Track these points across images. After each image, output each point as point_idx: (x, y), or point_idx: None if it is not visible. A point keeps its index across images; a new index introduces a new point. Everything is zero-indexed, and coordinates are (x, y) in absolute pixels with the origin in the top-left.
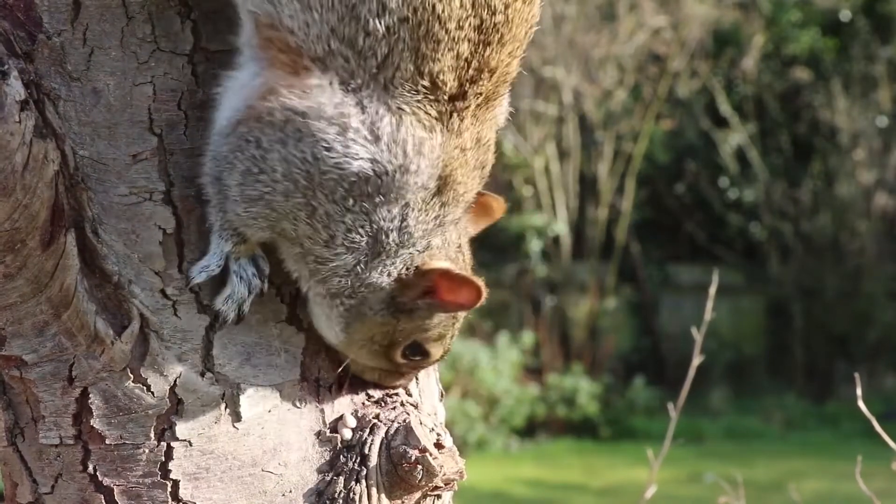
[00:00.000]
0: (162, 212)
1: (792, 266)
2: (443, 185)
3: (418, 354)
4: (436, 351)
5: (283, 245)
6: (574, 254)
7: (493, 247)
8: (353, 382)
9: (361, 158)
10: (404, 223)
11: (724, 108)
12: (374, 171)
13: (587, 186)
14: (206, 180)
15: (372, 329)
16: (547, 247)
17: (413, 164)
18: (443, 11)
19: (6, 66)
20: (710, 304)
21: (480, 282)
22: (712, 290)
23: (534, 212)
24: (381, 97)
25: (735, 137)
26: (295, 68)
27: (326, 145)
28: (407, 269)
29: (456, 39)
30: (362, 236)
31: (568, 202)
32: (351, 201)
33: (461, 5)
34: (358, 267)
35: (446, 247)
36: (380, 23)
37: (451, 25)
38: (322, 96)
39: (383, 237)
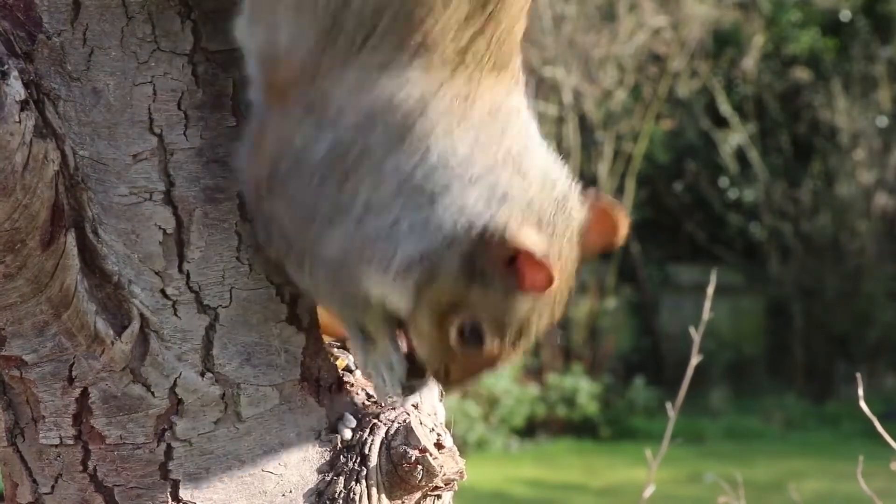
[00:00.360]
0: (162, 212)
1: (792, 266)
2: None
3: (476, 341)
4: (492, 341)
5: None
6: None
7: None
8: (353, 382)
9: (328, 137)
10: (425, 161)
11: (724, 108)
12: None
13: (587, 186)
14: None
15: (443, 289)
16: None
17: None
18: None
19: (6, 66)
20: (707, 304)
21: (556, 271)
22: (710, 289)
23: None
24: (357, 66)
25: (735, 137)
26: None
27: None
28: (488, 225)
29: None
30: (386, 191)
31: None
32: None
33: None
34: (416, 221)
35: (532, 205)
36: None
37: None
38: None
39: (414, 181)
